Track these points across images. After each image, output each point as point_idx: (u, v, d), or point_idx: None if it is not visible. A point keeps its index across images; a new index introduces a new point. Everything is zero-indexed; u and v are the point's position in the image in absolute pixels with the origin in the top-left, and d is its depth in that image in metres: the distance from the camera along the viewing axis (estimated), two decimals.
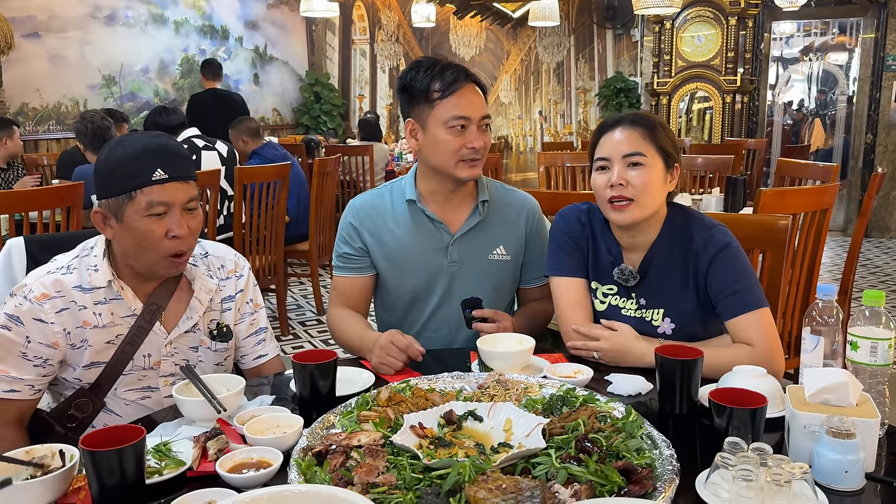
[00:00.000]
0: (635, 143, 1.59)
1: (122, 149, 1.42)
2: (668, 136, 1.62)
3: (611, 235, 1.69)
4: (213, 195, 3.74)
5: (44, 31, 5.84)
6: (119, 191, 1.40)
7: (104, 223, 1.45)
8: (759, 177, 6.58)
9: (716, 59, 7.56)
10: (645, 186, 1.58)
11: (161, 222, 1.42)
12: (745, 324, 1.55)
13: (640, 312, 1.66)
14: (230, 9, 7.78)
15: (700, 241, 1.60)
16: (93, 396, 1.48)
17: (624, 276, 1.65)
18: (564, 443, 1.12)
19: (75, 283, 1.45)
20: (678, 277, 1.63)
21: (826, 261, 6.35)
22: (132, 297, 1.49)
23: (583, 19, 8.42)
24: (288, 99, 8.67)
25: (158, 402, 1.54)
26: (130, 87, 6.67)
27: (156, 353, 1.52)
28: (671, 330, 1.64)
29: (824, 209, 2.68)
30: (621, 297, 1.68)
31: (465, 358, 1.63)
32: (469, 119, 1.71)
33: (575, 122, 8.60)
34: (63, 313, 1.43)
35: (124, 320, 1.48)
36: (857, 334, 1.22)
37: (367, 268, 1.85)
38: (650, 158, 1.59)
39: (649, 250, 1.65)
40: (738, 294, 1.56)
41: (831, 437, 1.06)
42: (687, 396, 1.30)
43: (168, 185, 1.41)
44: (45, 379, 1.45)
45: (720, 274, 1.58)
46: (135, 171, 1.40)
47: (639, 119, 1.63)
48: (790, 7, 6.42)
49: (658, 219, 1.64)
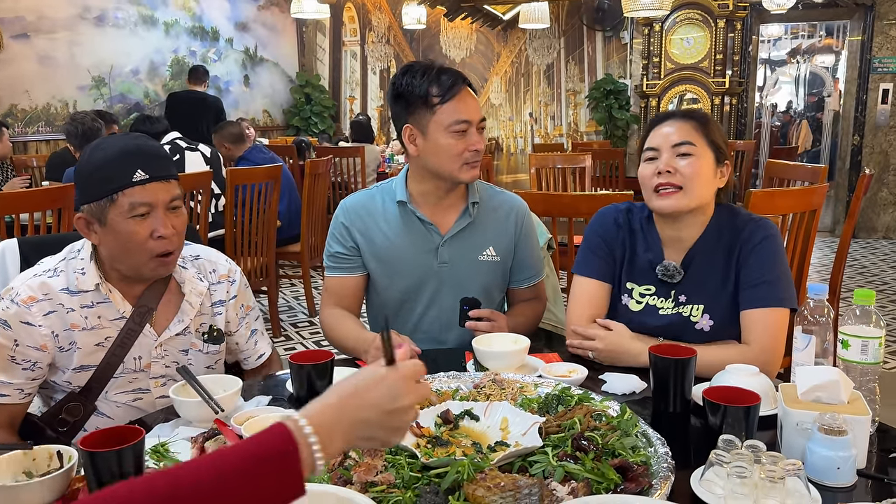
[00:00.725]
0: (685, 133, 1.59)
1: (100, 152, 1.41)
2: (719, 132, 1.62)
3: (652, 232, 1.67)
4: (204, 197, 3.73)
5: (33, 31, 5.81)
6: (100, 194, 1.39)
7: (88, 228, 1.43)
8: (748, 178, 6.63)
9: (704, 62, 7.61)
10: (693, 175, 1.56)
11: (145, 223, 1.41)
12: (755, 319, 1.54)
13: (677, 309, 1.63)
14: (220, 10, 7.77)
15: (747, 231, 1.59)
16: (83, 400, 1.48)
17: (668, 272, 1.63)
18: (561, 441, 1.13)
19: (62, 285, 1.44)
20: (721, 272, 1.61)
21: (815, 261, 6.40)
22: (120, 299, 1.48)
23: (573, 21, 8.46)
24: (278, 100, 8.66)
25: (150, 404, 1.53)
26: (120, 89, 6.65)
27: (146, 355, 1.52)
28: (709, 327, 1.61)
29: (813, 210, 2.71)
30: (659, 296, 1.66)
31: (461, 358, 1.64)
32: (470, 122, 1.73)
33: (565, 124, 8.63)
34: (51, 316, 1.42)
35: (113, 323, 1.48)
36: (847, 333, 1.24)
37: (358, 267, 1.86)
38: (700, 149, 1.58)
39: (693, 247, 1.63)
40: (763, 287, 1.55)
41: (823, 434, 1.07)
42: (681, 395, 1.32)
43: (149, 186, 1.41)
44: (35, 383, 1.45)
45: (755, 263, 1.57)
46: (115, 174, 1.39)
47: (691, 113, 1.64)
48: (778, 10, 6.48)
49: (704, 214, 1.62)
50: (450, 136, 1.72)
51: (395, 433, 0.87)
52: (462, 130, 1.72)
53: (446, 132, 1.72)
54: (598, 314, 1.69)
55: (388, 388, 0.85)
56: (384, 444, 0.88)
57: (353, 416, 0.83)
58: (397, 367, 0.88)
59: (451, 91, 1.71)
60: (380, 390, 0.85)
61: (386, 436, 0.86)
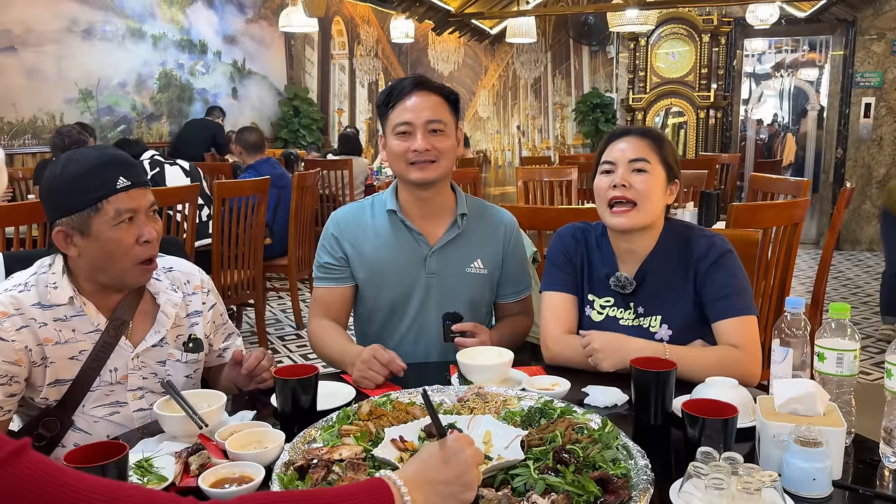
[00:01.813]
0: (641, 150, 1.66)
1: (75, 164, 1.42)
2: (672, 152, 1.70)
3: (607, 247, 1.74)
4: (191, 210, 3.72)
5: (20, 44, 5.79)
6: (83, 205, 1.40)
7: (67, 242, 1.44)
8: (733, 191, 6.70)
9: (689, 76, 7.71)
10: (647, 191, 1.63)
11: (130, 229, 1.44)
12: (732, 327, 1.59)
13: (637, 321, 1.69)
14: (208, 23, 7.78)
15: (703, 247, 1.65)
16: (60, 414, 1.47)
17: (620, 283, 1.70)
18: (542, 454, 1.14)
19: (34, 300, 1.44)
20: (676, 284, 1.67)
21: (799, 273, 6.46)
22: (95, 312, 1.49)
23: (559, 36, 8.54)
24: (267, 113, 8.66)
25: (128, 418, 1.53)
26: (108, 101, 6.63)
27: (122, 367, 1.52)
28: (668, 336, 1.67)
29: (795, 223, 2.75)
30: (619, 307, 1.72)
31: (446, 372, 1.65)
32: (411, 123, 1.77)
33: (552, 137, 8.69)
34: (23, 331, 1.42)
35: (87, 336, 1.48)
36: (823, 346, 1.26)
37: (347, 278, 1.87)
38: (654, 166, 1.65)
39: (646, 259, 1.69)
40: (730, 298, 1.61)
41: (799, 445, 1.09)
42: (661, 407, 1.34)
43: (132, 192, 1.43)
44: (13, 399, 1.44)
45: (717, 278, 1.63)
46: (97, 183, 1.40)
47: (647, 131, 1.71)
48: (761, 25, 6.58)
49: (655, 228, 1.69)
50: (395, 138, 1.79)
51: (466, 489, 0.97)
52: (404, 132, 1.77)
53: (392, 135, 1.79)
54: (569, 326, 1.73)
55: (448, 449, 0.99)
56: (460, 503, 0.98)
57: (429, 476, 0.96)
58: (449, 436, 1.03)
59: (399, 95, 1.78)
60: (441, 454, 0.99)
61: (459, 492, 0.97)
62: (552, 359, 1.71)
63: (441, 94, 1.81)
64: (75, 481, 0.75)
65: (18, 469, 0.72)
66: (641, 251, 1.70)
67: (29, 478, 0.72)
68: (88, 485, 0.76)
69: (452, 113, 1.83)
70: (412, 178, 1.79)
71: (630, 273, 1.70)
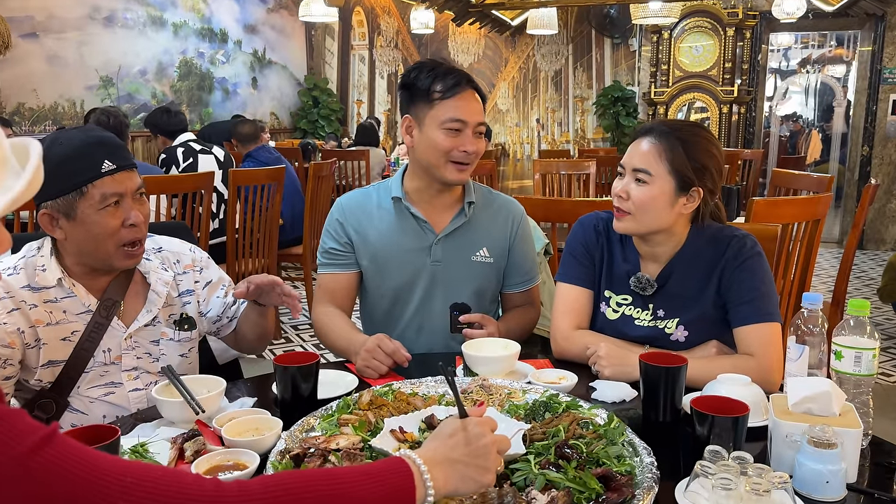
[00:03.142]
0: (646, 159, 1.56)
1: (60, 146, 1.40)
2: (689, 158, 1.54)
3: (630, 244, 1.67)
4: (206, 197, 3.72)
5: (42, 31, 5.83)
6: (68, 188, 1.39)
7: (52, 224, 1.43)
8: (756, 187, 6.59)
9: (713, 70, 7.59)
10: (642, 204, 1.56)
11: (116, 213, 1.42)
12: (753, 333, 1.53)
13: (654, 322, 1.63)
14: (229, 12, 7.79)
15: (733, 248, 1.57)
16: (55, 396, 1.47)
17: (640, 284, 1.63)
18: (544, 449, 1.11)
19: (23, 283, 1.44)
20: (699, 285, 1.60)
21: (821, 272, 6.35)
22: (85, 293, 1.48)
23: (581, 28, 8.45)
24: (286, 103, 8.67)
25: (123, 398, 1.53)
26: (128, 89, 6.67)
27: (116, 347, 1.52)
28: (684, 337, 1.61)
29: (816, 219, 2.68)
30: (636, 307, 1.65)
31: (451, 362, 1.62)
32: (465, 123, 1.73)
33: (572, 131, 8.61)
34: (14, 314, 1.41)
35: (79, 317, 1.48)
36: (841, 344, 1.22)
37: (352, 264, 1.85)
38: (656, 178, 1.55)
39: (669, 262, 1.63)
40: (754, 303, 1.54)
41: (812, 446, 1.05)
42: (671, 404, 1.30)
43: (118, 175, 1.41)
44: (9, 382, 1.44)
45: (743, 280, 1.56)
46: (82, 166, 1.39)
47: (666, 133, 1.56)
48: (787, 19, 6.45)
49: (674, 235, 1.61)
50: (442, 132, 1.73)
51: (485, 472, 0.95)
52: (456, 129, 1.72)
53: (440, 128, 1.72)
54: (582, 321, 1.68)
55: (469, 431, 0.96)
56: (478, 485, 0.95)
57: (448, 455, 0.94)
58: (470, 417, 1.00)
59: (454, 90, 1.73)
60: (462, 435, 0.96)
61: (477, 474, 0.94)
62: (560, 354, 1.67)
63: (482, 96, 1.80)
64: (105, 464, 0.75)
65: (50, 454, 0.72)
66: (664, 253, 1.63)
67: (60, 462, 0.72)
68: (118, 468, 0.75)
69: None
70: (449, 178, 1.76)
71: (652, 274, 1.64)
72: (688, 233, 1.62)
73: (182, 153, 4.09)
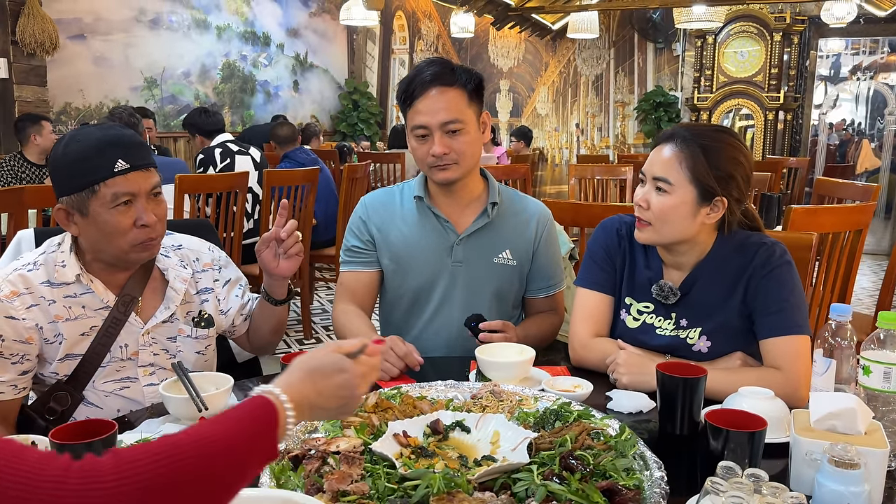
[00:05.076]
0: (667, 167, 1.49)
1: (77, 143, 1.40)
2: (711, 166, 1.46)
3: (653, 250, 1.61)
4: (240, 197, 3.76)
5: (89, 33, 5.97)
6: (82, 186, 1.39)
7: (68, 220, 1.44)
8: (801, 196, 6.42)
9: (759, 76, 7.42)
10: (662, 214, 1.50)
11: (128, 212, 1.41)
12: (780, 346, 1.46)
13: (676, 332, 1.57)
14: (272, 16, 7.88)
15: (761, 256, 1.50)
16: (71, 389, 1.47)
17: (663, 292, 1.57)
18: (549, 459, 1.07)
19: (42, 279, 1.45)
20: (724, 294, 1.53)
21: (868, 285, 6.14)
22: (103, 289, 1.49)
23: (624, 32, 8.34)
24: (327, 106, 8.74)
25: (138, 393, 1.53)
26: (171, 90, 6.79)
27: (133, 343, 1.52)
28: (707, 348, 1.54)
29: (859, 229, 2.58)
30: (658, 315, 1.59)
31: (465, 367, 1.58)
32: (427, 127, 1.69)
33: (612, 136, 8.50)
34: (33, 309, 1.42)
35: (97, 312, 1.48)
36: (869, 358, 1.15)
37: (373, 262, 1.84)
38: (676, 187, 1.48)
39: (694, 269, 1.56)
40: (782, 314, 1.47)
41: (833, 466, 0.98)
42: (689, 416, 1.24)
43: (130, 175, 1.40)
44: (26, 377, 1.45)
45: (770, 290, 1.48)
46: (95, 165, 1.38)
47: (688, 139, 1.49)
48: (837, 24, 6.27)
49: (698, 244, 1.55)
50: (414, 139, 1.72)
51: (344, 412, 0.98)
52: (422, 135, 1.70)
53: (412, 136, 1.73)
54: (601, 328, 1.63)
55: (344, 381, 0.96)
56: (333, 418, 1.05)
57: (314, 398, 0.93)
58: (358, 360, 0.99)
59: (413, 95, 1.70)
60: (336, 380, 0.95)
61: (336, 414, 0.99)
62: (578, 362, 1.62)
63: (460, 85, 1.70)
64: None
65: None
66: (687, 262, 1.57)
67: None
68: None
69: (473, 102, 1.72)
70: (436, 180, 1.75)
71: (675, 282, 1.57)
72: (714, 241, 1.56)
73: (220, 153, 4.15)
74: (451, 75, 1.69)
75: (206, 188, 3.69)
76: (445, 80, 1.69)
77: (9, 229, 2.55)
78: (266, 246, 1.58)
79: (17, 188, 2.67)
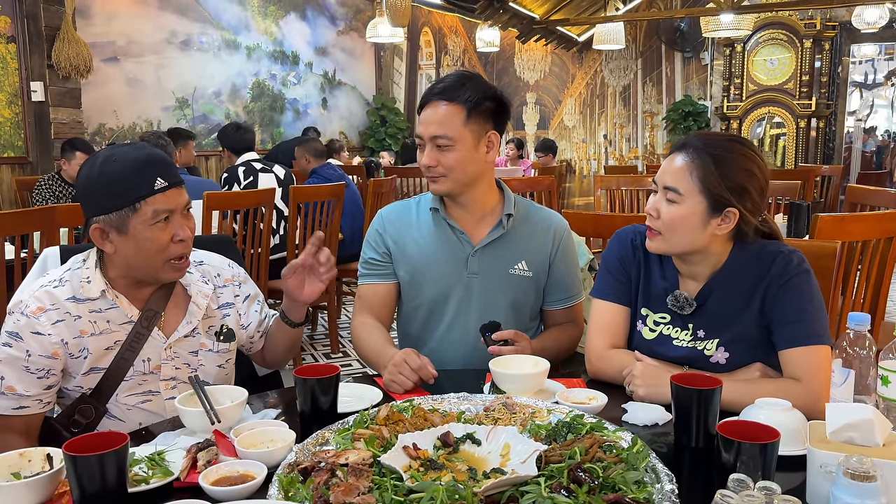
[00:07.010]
0: (677, 176, 1.48)
1: (114, 164, 1.45)
2: (723, 177, 1.44)
3: (669, 260, 1.59)
4: (267, 212, 3.81)
5: (122, 55, 6.13)
6: (122, 204, 1.43)
7: (103, 238, 1.47)
8: (836, 204, 6.29)
9: (789, 83, 7.31)
10: (671, 224, 1.48)
11: (166, 228, 1.47)
12: (799, 356, 1.43)
13: (693, 343, 1.55)
14: (301, 35, 8.01)
15: (777, 265, 1.48)
16: (95, 402, 1.51)
17: (679, 303, 1.55)
18: (558, 471, 1.06)
19: (68, 294, 1.48)
20: (741, 304, 1.51)
21: None
22: (127, 304, 1.52)
23: (651, 42, 8.29)
24: (355, 122, 8.83)
25: (160, 406, 1.56)
26: (203, 110, 6.92)
27: (155, 357, 1.55)
28: (725, 359, 1.52)
29: (890, 237, 2.52)
30: (675, 326, 1.57)
31: (481, 379, 1.58)
32: (421, 137, 1.75)
33: (641, 146, 8.44)
34: (59, 325, 1.46)
35: (122, 327, 1.52)
36: (888, 368, 1.12)
37: (390, 275, 1.85)
38: (686, 198, 1.46)
39: (710, 279, 1.54)
40: (801, 324, 1.44)
41: (848, 478, 0.96)
42: (704, 429, 1.22)
43: (169, 192, 1.47)
44: (51, 391, 1.48)
45: (788, 299, 1.46)
46: (136, 184, 1.43)
47: (700, 149, 1.47)
48: (869, 29, 6.16)
49: (712, 254, 1.52)
50: (418, 148, 1.77)
51: None
52: (420, 144, 1.76)
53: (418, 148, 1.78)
54: (617, 340, 1.61)
55: None
56: None
57: None
58: None
59: (422, 104, 1.76)
60: None
61: None
62: (595, 374, 1.61)
63: (460, 102, 1.69)
64: None
65: None
66: (703, 273, 1.55)
67: None
68: None
69: (474, 120, 1.70)
70: (430, 189, 1.79)
71: (692, 292, 1.55)
72: (730, 251, 1.53)
73: (243, 172, 4.21)
74: (456, 91, 1.70)
75: (233, 205, 3.75)
76: (448, 95, 1.70)
77: (41, 247, 2.61)
78: (293, 272, 1.61)
79: (49, 207, 2.74)
